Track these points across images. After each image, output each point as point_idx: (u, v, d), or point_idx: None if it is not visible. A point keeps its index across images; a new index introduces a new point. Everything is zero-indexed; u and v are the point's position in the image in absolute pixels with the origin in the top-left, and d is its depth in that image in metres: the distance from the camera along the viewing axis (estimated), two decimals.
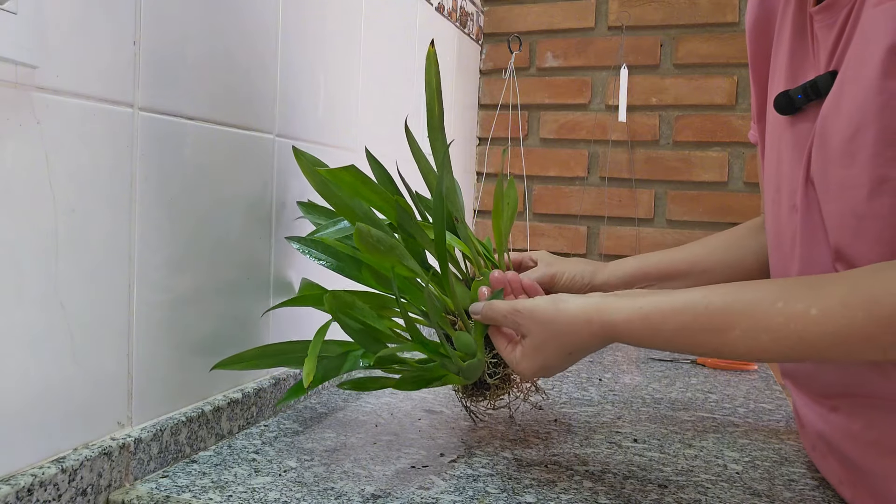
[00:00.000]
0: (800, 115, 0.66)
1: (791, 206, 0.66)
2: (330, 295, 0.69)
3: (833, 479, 0.69)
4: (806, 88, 0.63)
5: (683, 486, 0.70)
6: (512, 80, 1.69)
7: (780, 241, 0.70)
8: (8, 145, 0.52)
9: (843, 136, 0.57)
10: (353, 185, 0.78)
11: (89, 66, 0.59)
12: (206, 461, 0.71)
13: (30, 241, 0.54)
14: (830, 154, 0.59)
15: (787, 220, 0.67)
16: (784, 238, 0.68)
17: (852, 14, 0.58)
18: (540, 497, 0.65)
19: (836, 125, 0.58)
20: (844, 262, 0.58)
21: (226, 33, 0.75)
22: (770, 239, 0.74)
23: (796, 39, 0.68)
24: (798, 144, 0.65)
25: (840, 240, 0.58)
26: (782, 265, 0.70)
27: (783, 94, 0.66)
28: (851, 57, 0.57)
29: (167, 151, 0.68)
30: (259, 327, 0.85)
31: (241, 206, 0.80)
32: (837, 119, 0.58)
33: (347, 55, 1.04)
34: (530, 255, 0.91)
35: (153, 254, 0.67)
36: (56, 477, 0.56)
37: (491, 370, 0.76)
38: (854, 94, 0.56)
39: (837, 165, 0.58)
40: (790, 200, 0.67)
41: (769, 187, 0.73)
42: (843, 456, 0.65)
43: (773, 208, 0.72)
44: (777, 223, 0.71)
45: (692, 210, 1.60)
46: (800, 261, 0.65)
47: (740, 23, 1.55)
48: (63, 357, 0.58)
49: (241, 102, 0.79)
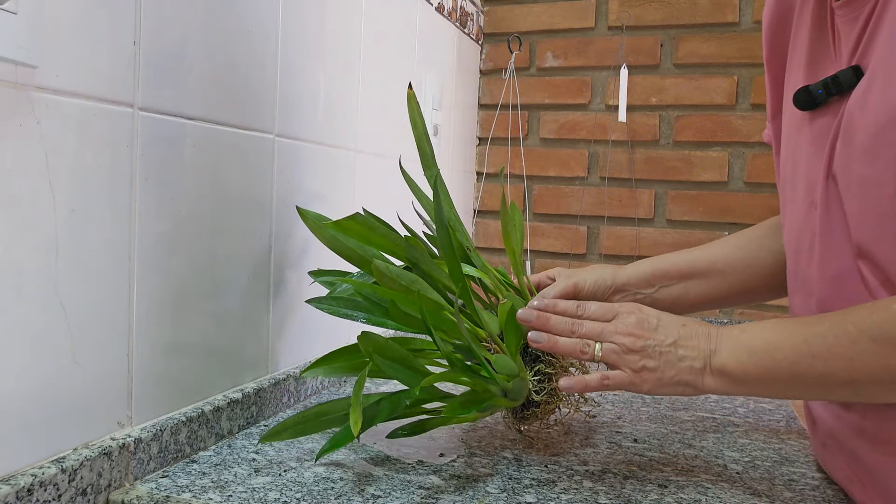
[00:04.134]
0: (820, 111, 0.65)
1: (810, 202, 0.66)
2: (363, 336, 0.68)
3: (843, 477, 0.69)
4: (827, 83, 0.62)
5: (683, 486, 0.70)
6: (512, 80, 1.69)
7: (798, 238, 0.69)
8: (8, 145, 0.52)
9: (868, 133, 0.56)
10: (360, 232, 0.78)
11: (89, 66, 0.59)
12: (206, 461, 0.71)
13: (30, 240, 0.54)
14: (854, 151, 0.58)
15: (806, 217, 0.67)
16: (802, 235, 0.68)
17: (877, 9, 0.57)
18: (540, 497, 0.65)
19: (861, 121, 0.57)
20: (867, 260, 0.58)
21: (226, 33, 0.75)
22: (787, 237, 0.73)
23: (816, 34, 0.67)
24: (818, 140, 0.64)
25: (862, 237, 0.58)
26: (800, 263, 0.69)
27: (803, 89, 0.65)
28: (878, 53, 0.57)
29: (167, 151, 0.68)
30: (259, 327, 0.85)
31: (241, 205, 0.80)
32: (863, 115, 0.57)
33: (347, 55, 1.04)
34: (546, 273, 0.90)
35: (153, 254, 0.67)
36: (56, 477, 0.56)
37: (536, 387, 0.74)
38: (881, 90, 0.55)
39: (861, 162, 0.57)
40: (809, 197, 0.66)
41: (786, 185, 0.73)
42: (854, 454, 0.65)
43: (791, 206, 0.71)
44: (795, 221, 0.70)
45: (692, 210, 1.60)
46: (819, 258, 0.64)
47: (740, 23, 1.55)
48: (63, 357, 0.58)
49: (241, 102, 0.79)
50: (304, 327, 0.95)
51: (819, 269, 0.64)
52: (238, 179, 0.79)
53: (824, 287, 0.64)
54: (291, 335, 0.92)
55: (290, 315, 0.91)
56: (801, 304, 0.69)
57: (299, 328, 0.94)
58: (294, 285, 0.91)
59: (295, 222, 0.90)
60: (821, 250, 0.64)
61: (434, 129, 1.39)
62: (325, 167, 0.98)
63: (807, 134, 0.67)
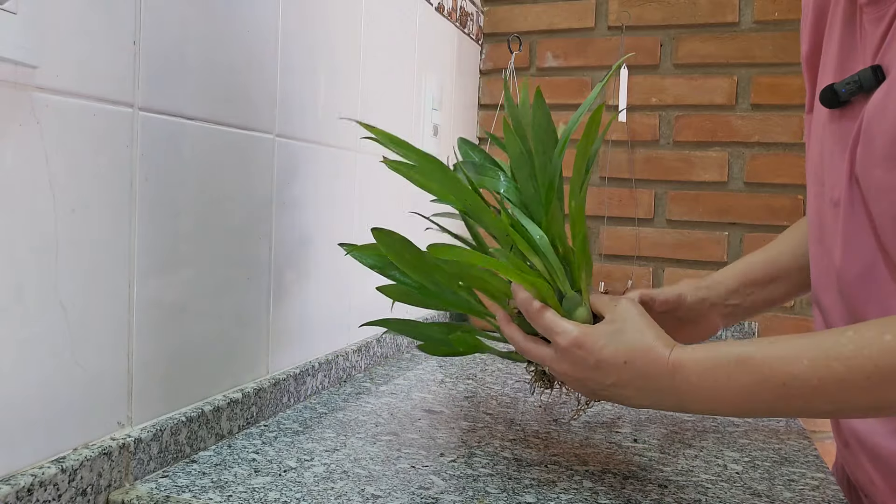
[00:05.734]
0: (845, 110, 0.64)
1: (833, 201, 0.65)
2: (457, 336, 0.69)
3: (864, 477, 0.69)
4: (851, 82, 0.62)
5: (683, 486, 0.70)
6: (512, 80, 1.69)
7: (822, 235, 0.69)
8: (8, 145, 0.52)
9: (887, 139, 0.55)
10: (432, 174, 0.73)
11: (89, 66, 0.59)
12: (206, 461, 0.71)
13: (30, 240, 0.54)
14: (874, 155, 0.57)
15: (830, 215, 0.66)
16: (826, 232, 0.68)
17: None
18: (540, 497, 0.65)
19: (881, 126, 0.57)
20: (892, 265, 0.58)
21: (226, 33, 0.75)
22: (812, 232, 0.73)
23: (846, 31, 0.67)
24: (842, 139, 0.64)
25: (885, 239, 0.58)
26: (824, 259, 0.69)
27: (829, 87, 0.65)
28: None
29: (167, 151, 0.68)
30: (259, 328, 0.85)
31: (241, 205, 0.80)
32: (883, 120, 0.56)
33: (347, 55, 1.04)
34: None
35: (153, 254, 0.67)
36: (56, 477, 0.56)
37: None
38: None
39: (880, 168, 0.57)
40: (834, 195, 0.66)
41: (813, 181, 0.72)
42: (877, 454, 0.65)
43: (816, 202, 0.71)
44: (820, 217, 0.70)
45: (692, 210, 1.59)
46: (842, 256, 0.64)
47: (740, 23, 1.55)
48: (63, 357, 0.58)
49: (241, 102, 0.79)
50: (304, 328, 0.95)
51: (844, 267, 0.64)
52: (238, 179, 0.79)
53: (851, 285, 0.64)
54: (291, 335, 0.92)
55: (290, 315, 0.91)
56: (830, 302, 0.69)
57: (299, 328, 0.94)
58: (294, 285, 0.91)
59: (295, 222, 0.90)
60: (843, 248, 0.64)
61: (434, 129, 1.39)
62: (325, 167, 0.98)
63: (832, 132, 0.67)
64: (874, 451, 0.65)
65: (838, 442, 0.75)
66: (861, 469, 0.69)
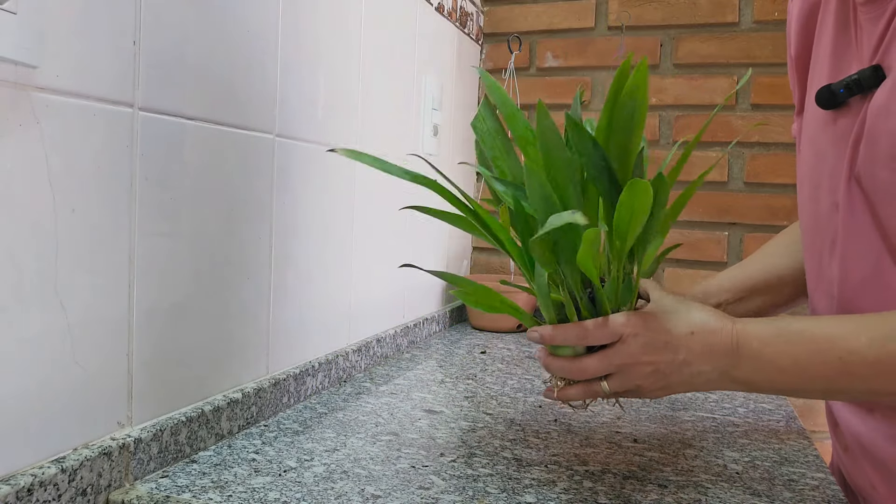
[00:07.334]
0: (842, 110, 0.64)
1: (832, 203, 0.65)
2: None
3: (864, 482, 0.69)
4: (849, 83, 0.61)
5: (683, 486, 0.70)
6: (512, 80, 1.69)
7: (817, 239, 0.68)
8: (8, 145, 0.52)
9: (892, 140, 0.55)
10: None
11: (89, 66, 0.59)
12: (205, 461, 0.71)
13: (30, 240, 0.54)
14: (879, 156, 0.57)
15: (828, 218, 0.66)
16: (823, 236, 0.67)
17: None
18: (540, 497, 0.65)
19: (885, 126, 0.56)
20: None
21: (226, 33, 0.75)
22: (806, 237, 0.72)
23: (839, 31, 0.66)
24: (840, 141, 0.63)
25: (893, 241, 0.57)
26: (822, 264, 0.68)
27: (825, 88, 0.64)
28: None
29: (167, 151, 0.68)
30: (259, 328, 0.85)
31: (241, 205, 0.80)
32: (887, 120, 0.56)
33: (347, 55, 1.03)
34: None
35: (153, 254, 0.67)
36: (56, 477, 0.56)
37: None
38: None
39: (885, 168, 0.56)
40: (831, 198, 0.65)
41: (806, 184, 0.71)
42: (878, 459, 0.64)
43: (811, 206, 0.70)
44: (815, 221, 0.69)
45: (692, 210, 1.59)
46: (840, 260, 0.63)
47: (740, 23, 1.55)
48: (63, 357, 0.58)
49: (241, 102, 0.79)
50: (304, 327, 0.95)
51: (841, 270, 0.63)
52: (238, 179, 0.79)
53: (847, 289, 0.63)
54: (291, 335, 0.92)
55: (290, 315, 0.91)
56: (824, 306, 0.69)
57: (299, 328, 0.94)
58: (294, 285, 0.91)
59: (295, 222, 0.90)
60: (842, 252, 0.63)
61: (434, 129, 1.39)
62: (325, 167, 0.98)
63: (829, 133, 0.66)
64: (876, 456, 0.65)
65: (837, 446, 0.75)
66: (861, 473, 0.69)
